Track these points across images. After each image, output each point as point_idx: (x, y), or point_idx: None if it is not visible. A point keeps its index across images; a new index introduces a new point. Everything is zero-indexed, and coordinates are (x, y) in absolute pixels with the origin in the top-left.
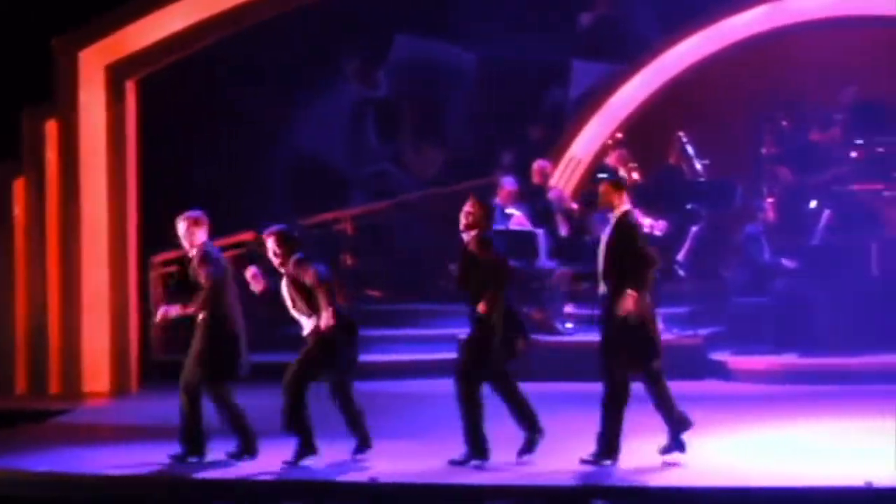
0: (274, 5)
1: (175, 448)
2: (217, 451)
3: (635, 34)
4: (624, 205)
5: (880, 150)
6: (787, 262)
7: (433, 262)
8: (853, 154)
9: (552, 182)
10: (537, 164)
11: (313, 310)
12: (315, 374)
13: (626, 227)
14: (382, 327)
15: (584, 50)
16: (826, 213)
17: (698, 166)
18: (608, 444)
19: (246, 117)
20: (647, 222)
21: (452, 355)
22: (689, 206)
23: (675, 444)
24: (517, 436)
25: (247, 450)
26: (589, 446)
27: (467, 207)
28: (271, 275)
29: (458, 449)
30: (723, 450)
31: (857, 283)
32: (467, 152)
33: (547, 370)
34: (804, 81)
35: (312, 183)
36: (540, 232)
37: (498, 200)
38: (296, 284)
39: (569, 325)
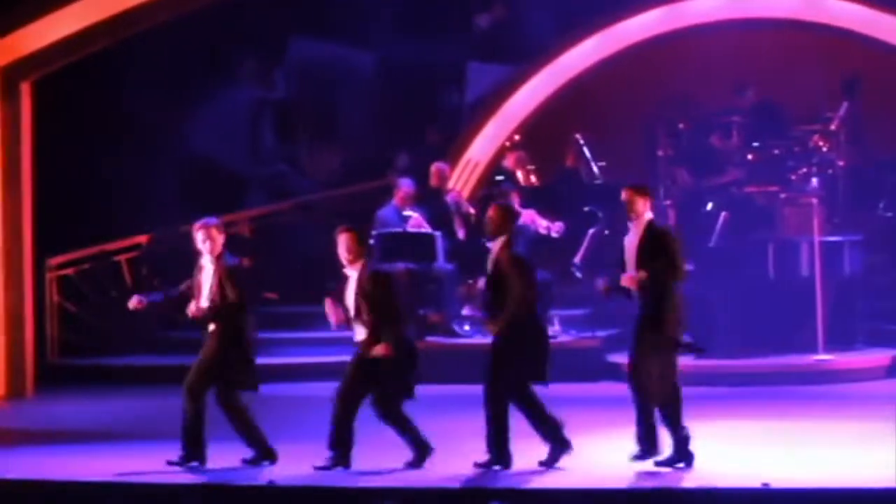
0: (167, 8)
1: (81, 450)
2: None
3: (532, 36)
4: (648, 211)
5: (776, 152)
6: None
7: (330, 263)
8: (750, 156)
9: (450, 184)
10: (435, 167)
11: (368, 325)
12: (398, 390)
13: (655, 232)
14: (280, 330)
15: (481, 52)
16: (723, 215)
17: (595, 168)
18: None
19: (142, 119)
20: (543, 224)
21: (348, 357)
22: (586, 209)
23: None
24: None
25: (266, 455)
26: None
27: (490, 213)
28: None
29: (359, 451)
30: (620, 450)
31: (754, 284)
32: (364, 154)
33: (445, 372)
34: (701, 84)
35: (209, 185)
36: (438, 234)
37: (395, 202)
38: (363, 292)
39: (466, 328)
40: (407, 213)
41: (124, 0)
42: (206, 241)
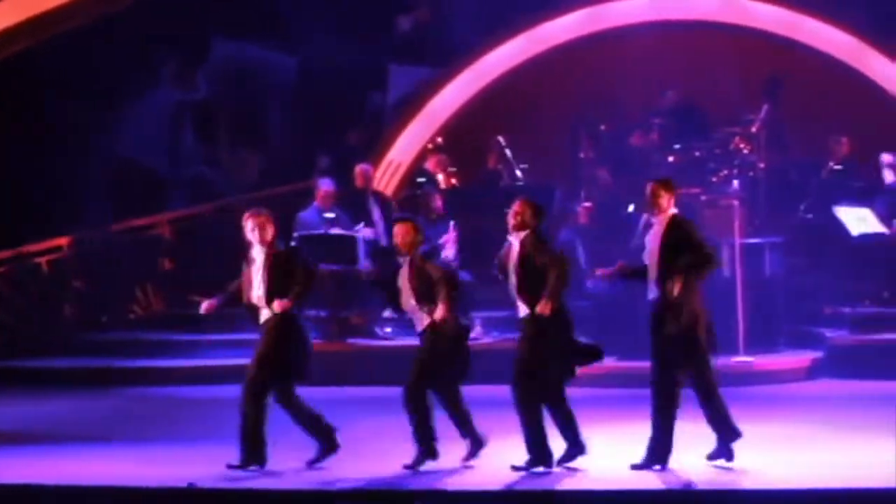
0: (87, 10)
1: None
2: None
3: (454, 38)
4: (672, 207)
5: (698, 154)
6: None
7: None
8: (671, 158)
9: (375, 185)
10: (359, 168)
11: (431, 304)
12: (433, 374)
13: (680, 227)
14: (199, 332)
15: (403, 54)
16: (644, 216)
17: (517, 170)
18: (659, 450)
19: (63, 120)
20: (451, 252)
21: None
22: (507, 211)
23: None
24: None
25: (331, 448)
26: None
27: (515, 208)
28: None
29: (281, 453)
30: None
31: None
32: (285, 156)
33: (366, 374)
34: (623, 85)
35: (131, 187)
36: (360, 236)
37: (316, 204)
38: (419, 276)
39: (388, 330)
40: (328, 215)
41: (45, 1)
42: (256, 230)
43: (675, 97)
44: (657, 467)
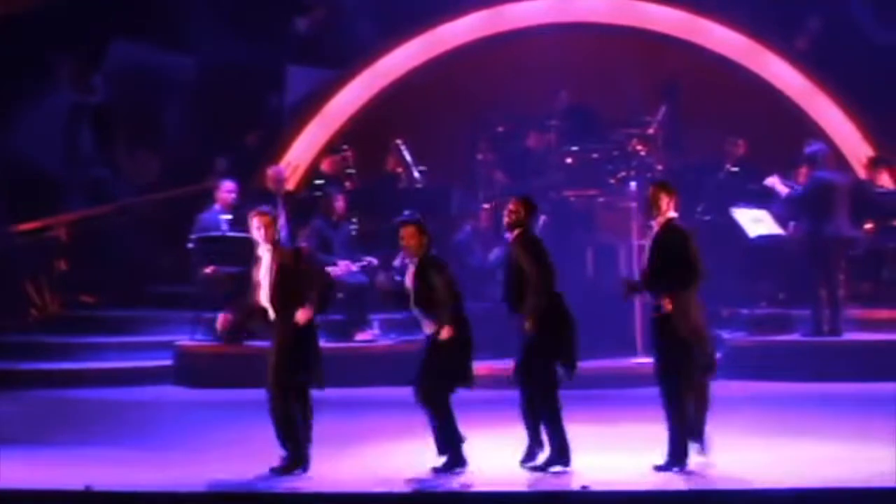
0: None
1: None
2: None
3: (353, 40)
4: (671, 210)
5: (595, 156)
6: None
7: (150, 267)
8: (568, 160)
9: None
10: (272, 170)
11: (431, 310)
12: (447, 376)
13: (675, 233)
14: (97, 334)
15: (301, 55)
16: (542, 218)
17: (416, 173)
18: (679, 451)
19: None
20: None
21: (168, 362)
22: (406, 213)
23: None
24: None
25: (298, 462)
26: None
27: (510, 206)
28: None
29: (179, 455)
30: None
31: (573, 288)
32: (184, 158)
33: (262, 376)
34: (520, 87)
35: (27, 188)
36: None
37: (217, 205)
38: (421, 280)
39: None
40: (226, 216)
41: None
42: (262, 229)
43: (569, 98)
44: (676, 469)
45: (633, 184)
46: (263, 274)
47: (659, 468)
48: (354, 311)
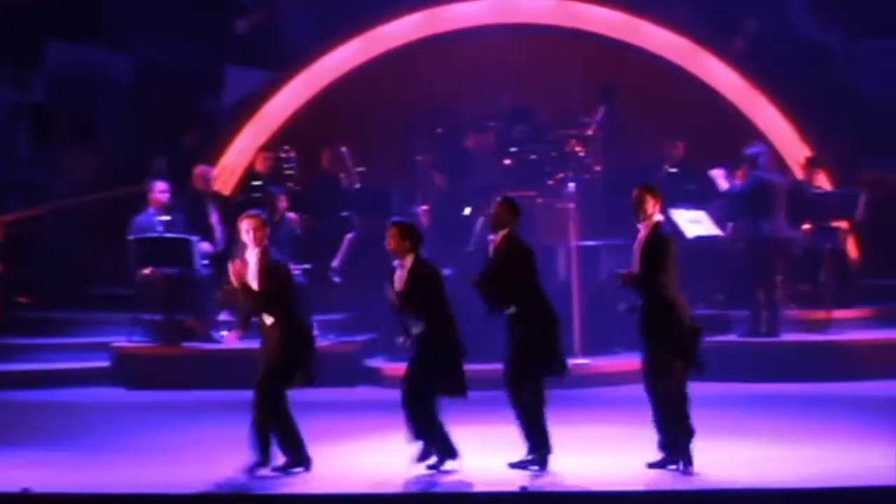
0: None
1: None
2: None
3: (291, 40)
4: (658, 213)
5: (534, 157)
6: (446, 271)
7: (87, 268)
8: (507, 161)
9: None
10: (199, 170)
11: (425, 311)
12: (434, 382)
13: (660, 236)
14: (34, 335)
15: (239, 56)
16: (480, 219)
17: (354, 174)
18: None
19: None
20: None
21: (105, 364)
22: (344, 214)
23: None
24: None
25: (299, 462)
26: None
27: (495, 208)
28: None
29: (117, 457)
30: (380, 453)
31: None
32: (122, 158)
33: (201, 378)
34: (460, 88)
35: None
36: (195, 239)
37: (151, 207)
38: (414, 282)
39: (223, 333)
40: (162, 217)
41: None
42: (250, 232)
43: (510, 100)
44: (672, 466)
45: (571, 185)
46: (251, 278)
47: (653, 465)
48: None
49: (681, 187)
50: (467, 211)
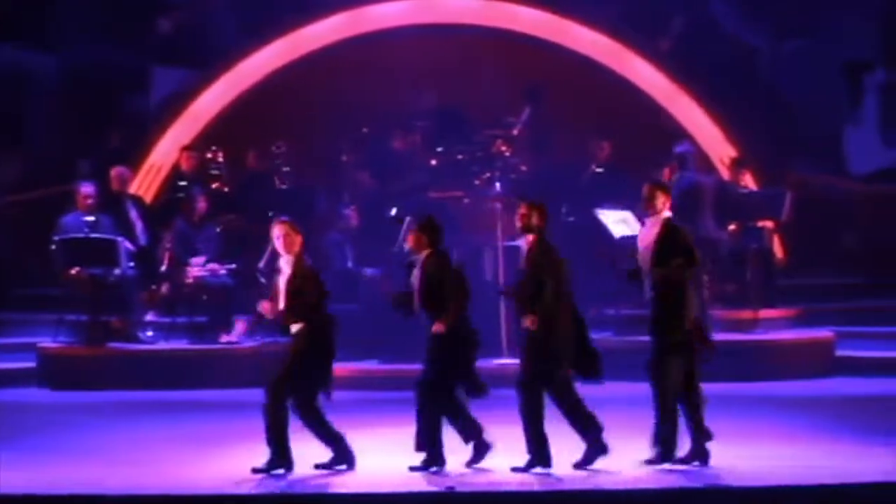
0: None
1: None
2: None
3: (217, 40)
4: (667, 209)
5: (460, 157)
6: (369, 271)
7: (13, 269)
8: (433, 161)
9: (132, 189)
10: (115, 171)
11: (441, 306)
12: (448, 376)
13: (674, 231)
14: None
15: (165, 56)
16: (407, 220)
17: (281, 173)
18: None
19: None
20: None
21: (31, 364)
22: (270, 214)
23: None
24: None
25: (343, 459)
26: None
27: (521, 210)
28: None
29: (46, 457)
30: (305, 453)
31: None
32: (47, 159)
33: (126, 378)
34: (385, 88)
35: None
36: (120, 239)
37: (78, 208)
38: (430, 277)
39: (149, 334)
40: (88, 218)
41: None
42: (280, 239)
43: (435, 99)
44: (667, 465)
45: (497, 184)
46: (282, 285)
47: (649, 461)
48: (219, 313)
49: (607, 187)
50: (394, 211)
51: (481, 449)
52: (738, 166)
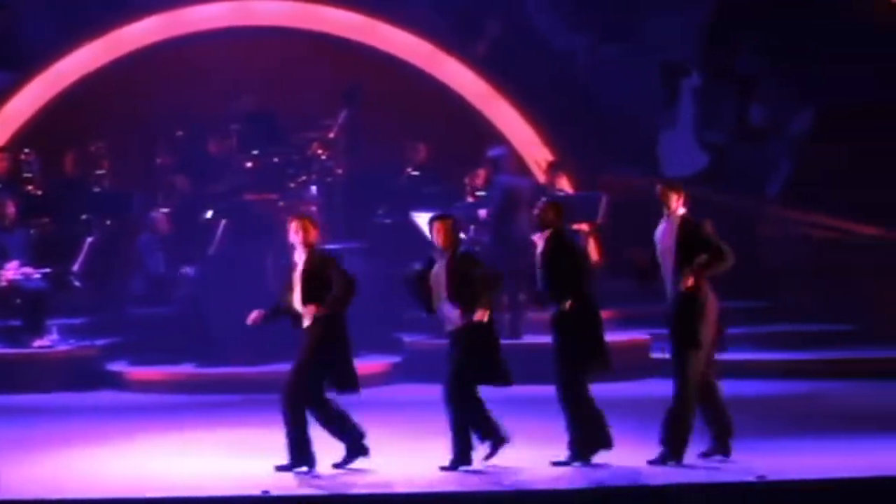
0: None
1: None
2: None
3: (32, 41)
4: (681, 207)
5: (276, 159)
6: (186, 271)
7: None
8: (248, 164)
9: None
10: None
11: (468, 303)
12: (472, 374)
13: (692, 227)
14: None
15: None
16: (222, 223)
17: (96, 176)
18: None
19: None
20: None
21: None
22: (84, 217)
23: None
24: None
25: (360, 451)
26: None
27: (539, 208)
28: None
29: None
30: (122, 457)
31: (253, 293)
32: None
33: (16, 382)
34: (201, 90)
35: None
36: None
37: None
38: (457, 275)
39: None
40: None
41: None
42: (299, 232)
43: (251, 102)
44: (672, 463)
45: (313, 187)
46: (297, 277)
47: (653, 462)
48: (32, 317)
49: (422, 190)
50: (209, 214)
51: (497, 444)
52: (554, 169)
